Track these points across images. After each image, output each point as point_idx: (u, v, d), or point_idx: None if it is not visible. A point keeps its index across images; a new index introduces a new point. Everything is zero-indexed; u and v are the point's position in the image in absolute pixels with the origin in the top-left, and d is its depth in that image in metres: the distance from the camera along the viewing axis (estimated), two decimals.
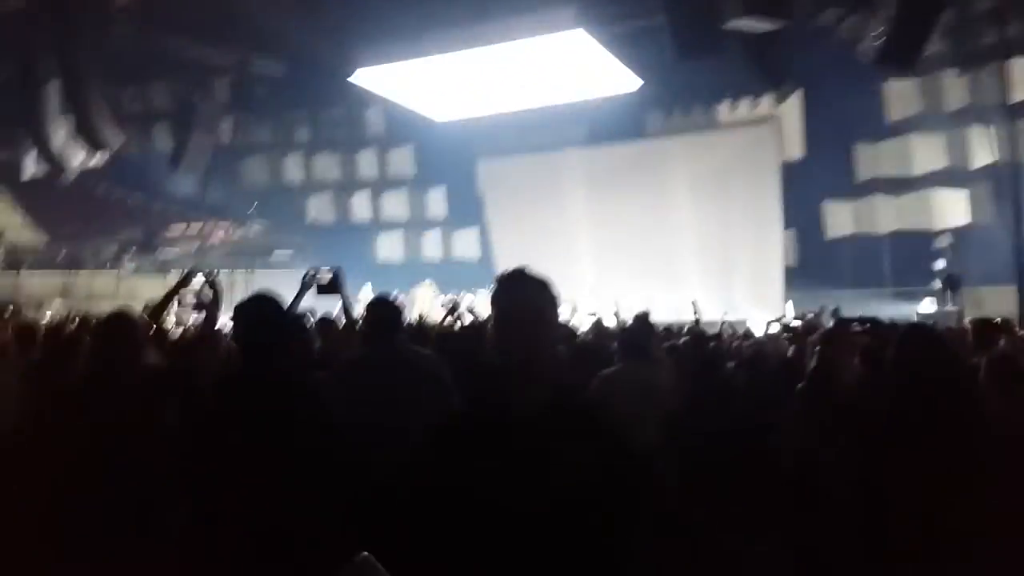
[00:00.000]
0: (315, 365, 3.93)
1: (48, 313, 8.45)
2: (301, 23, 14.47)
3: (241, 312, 2.79)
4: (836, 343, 3.87)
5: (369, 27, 12.97)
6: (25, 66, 13.72)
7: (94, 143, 13.47)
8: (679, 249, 16.80)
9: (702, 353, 5.11)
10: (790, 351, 5.51)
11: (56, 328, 4.80)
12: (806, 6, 11.73)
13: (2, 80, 14.57)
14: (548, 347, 1.86)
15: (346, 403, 3.13)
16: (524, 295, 1.85)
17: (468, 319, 6.80)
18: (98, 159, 14.22)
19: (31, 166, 15.77)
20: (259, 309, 2.80)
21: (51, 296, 13.24)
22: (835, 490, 3.41)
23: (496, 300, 1.88)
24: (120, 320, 3.18)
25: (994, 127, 13.92)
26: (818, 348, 3.81)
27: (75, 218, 16.69)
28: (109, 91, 14.53)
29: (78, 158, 14.03)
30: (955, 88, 14.24)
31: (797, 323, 8.36)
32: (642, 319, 5.00)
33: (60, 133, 13.76)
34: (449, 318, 6.55)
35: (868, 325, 4.21)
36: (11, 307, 6.83)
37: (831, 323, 7.92)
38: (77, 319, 5.49)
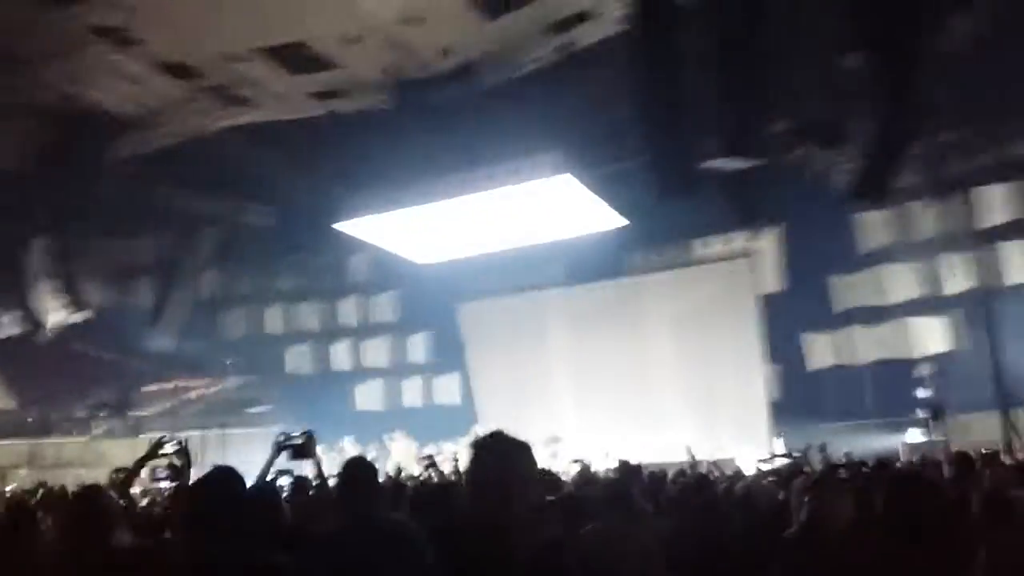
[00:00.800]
0: (286, 537, 3.75)
1: (11, 485, 8.16)
2: (289, 173, 14.95)
3: (196, 493, 2.69)
4: (824, 490, 3.77)
5: (357, 177, 13.37)
6: (14, 222, 13.91)
7: (76, 303, 13.51)
8: (662, 387, 16.67)
9: (703, 501, 4.97)
10: (780, 495, 5.37)
11: (17, 503, 4.59)
12: (779, 144, 12.29)
13: None
14: (526, 512, 1.80)
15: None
16: (500, 462, 1.82)
17: (448, 468, 6.62)
18: (78, 316, 14.22)
19: (8, 324, 15.73)
20: (215, 488, 2.69)
21: (16, 465, 12.85)
22: None
23: (473, 468, 1.84)
24: (89, 499, 3.07)
25: (965, 254, 14.32)
26: (806, 498, 3.70)
27: (47, 379, 16.45)
28: (96, 246, 14.73)
29: (57, 316, 14.02)
30: (926, 217, 14.73)
31: (783, 462, 8.22)
32: (627, 469, 4.88)
33: (42, 291, 13.81)
34: (426, 472, 6.38)
35: (856, 468, 4.13)
36: None
37: (818, 461, 7.80)
38: (40, 492, 5.29)
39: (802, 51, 10.65)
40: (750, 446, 14.08)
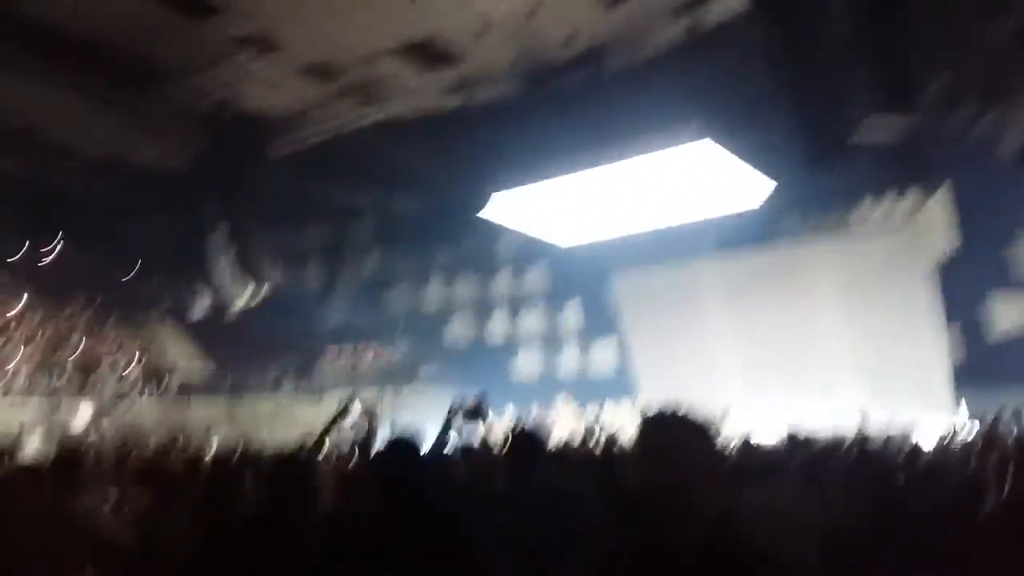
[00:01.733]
0: (460, 493, 3.92)
1: (215, 440, 8.97)
2: (435, 164, 15.48)
3: (378, 462, 2.86)
4: None
5: (497, 160, 13.62)
6: (194, 218, 15.30)
7: (255, 280, 14.69)
8: (830, 355, 15.95)
9: (878, 474, 4.75)
10: (969, 467, 5.01)
11: (222, 460, 5.04)
12: (942, 103, 11.34)
13: (176, 231, 16.28)
14: (701, 492, 1.75)
15: (495, 546, 3.08)
16: (673, 445, 1.75)
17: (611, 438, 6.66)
18: (258, 296, 15.47)
19: (200, 306, 17.32)
20: (398, 456, 2.86)
21: (218, 422, 14.13)
22: None
23: (642, 449, 1.79)
24: (293, 465, 3.31)
25: None
26: (1006, 472, 3.44)
27: (239, 351, 17.97)
28: (267, 235, 15.96)
29: (241, 296, 15.31)
30: None
31: (972, 429, 7.67)
32: (794, 441, 4.72)
33: (225, 275, 15.10)
34: (590, 441, 6.45)
35: None
36: (180, 438, 7.35)
37: (1012, 430, 7.20)
38: (241, 450, 5.78)
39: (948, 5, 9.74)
40: (930, 413, 13.23)
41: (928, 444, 7.43)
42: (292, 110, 14.54)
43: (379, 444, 4.48)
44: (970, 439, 6.86)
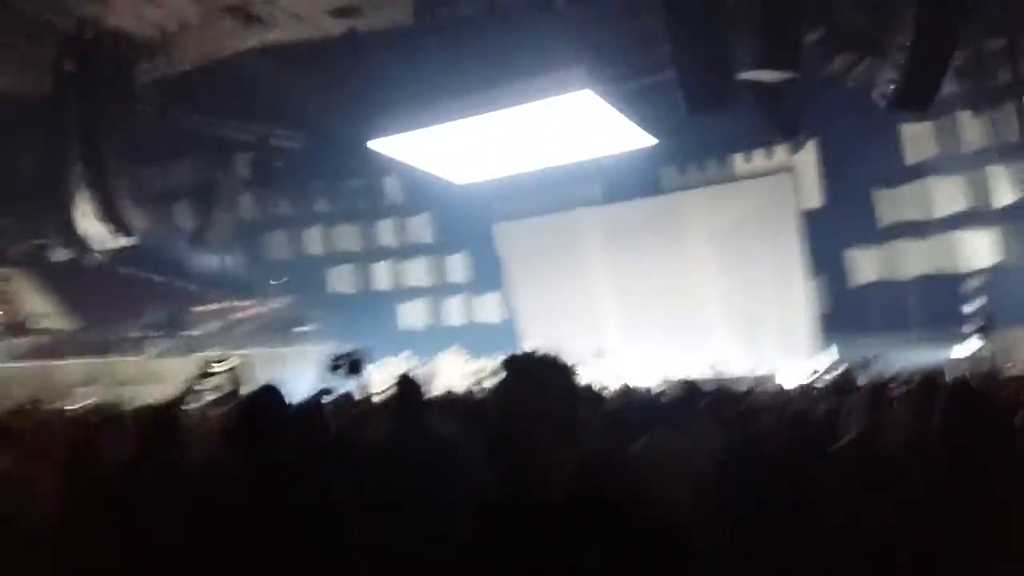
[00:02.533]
0: (330, 448, 3.83)
1: (75, 403, 8.47)
2: (318, 96, 14.85)
3: (243, 411, 2.75)
4: (877, 405, 3.72)
5: (384, 97, 13.22)
6: (51, 150, 14.08)
7: (117, 227, 13.71)
8: (704, 303, 16.68)
9: (730, 415, 4.96)
10: (824, 409, 5.33)
11: (82, 419, 4.76)
12: (816, 55, 11.80)
13: (30, 165, 15.00)
14: (556, 431, 1.73)
15: (370, 493, 3.02)
16: (529, 384, 1.72)
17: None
18: (123, 241, 14.48)
19: (58, 251, 16.11)
20: (260, 406, 2.75)
21: (79, 384, 13.36)
22: (883, 557, 3.25)
23: (501, 386, 1.75)
24: (163, 415, 3.18)
25: (1015, 165, 13.85)
26: (859, 409, 3.66)
27: (100, 302, 16.93)
28: (132, 171, 14.87)
29: (103, 240, 14.28)
30: (972, 128, 14.17)
31: (829, 376, 8.18)
32: (688, 387, 4.85)
33: (85, 215, 14.04)
34: (475, 388, 6.45)
35: (907, 383, 4.05)
36: (39, 399, 6.89)
37: (866, 376, 7.73)
38: (101, 410, 5.47)
39: None
40: (794, 361, 14.07)
41: (788, 388, 7.88)
42: (165, 30, 13.49)
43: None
44: (824, 384, 7.30)
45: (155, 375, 14.67)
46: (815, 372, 9.16)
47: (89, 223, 13.99)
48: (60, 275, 16.87)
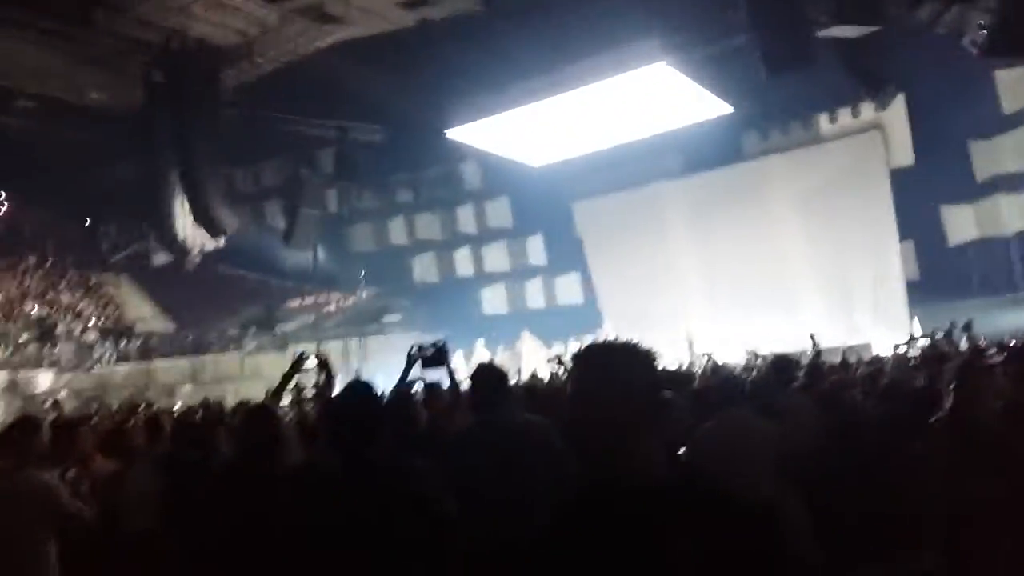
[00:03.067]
0: (422, 441, 3.93)
1: (178, 401, 8.93)
2: (394, 89, 15.08)
3: (335, 408, 2.84)
4: (972, 374, 3.58)
5: (458, 84, 13.33)
6: (147, 160, 14.84)
7: (212, 229, 14.33)
8: (792, 272, 16.17)
9: (823, 390, 4.85)
10: (921, 379, 5.15)
11: (185, 418, 5.02)
12: (900, 4, 11.25)
13: (128, 175, 15.80)
14: (630, 418, 1.75)
15: (458, 483, 3.10)
16: (606, 375, 1.75)
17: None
18: (217, 242, 15.13)
19: (158, 255, 16.96)
20: (353, 402, 2.84)
21: (181, 382, 14.07)
22: (984, 532, 3.15)
23: (575, 382, 1.77)
24: (261, 415, 3.31)
25: None
26: (954, 383, 3.53)
27: (199, 302, 17.76)
28: (222, 173, 15.51)
29: (199, 242, 14.98)
30: None
31: (925, 343, 7.86)
32: (778, 364, 4.75)
33: (182, 221, 14.75)
34: (556, 372, 6.49)
35: (1006, 349, 3.88)
36: (143, 403, 7.30)
37: (963, 342, 7.41)
38: (203, 408, 5.75)
39: None
40: (888, 329, 13.53)
41: (880, 361, 7.62)
42: (245, 36, 14.00)
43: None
44: (920, 352, 7.03)
45: (253, 370, 15.33)
46: (911, 339, 8.81)
47: (186, 226, 14.69)
48: (161, 278, 17.80)
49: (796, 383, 5.10)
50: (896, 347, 8.14)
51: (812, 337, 7.68)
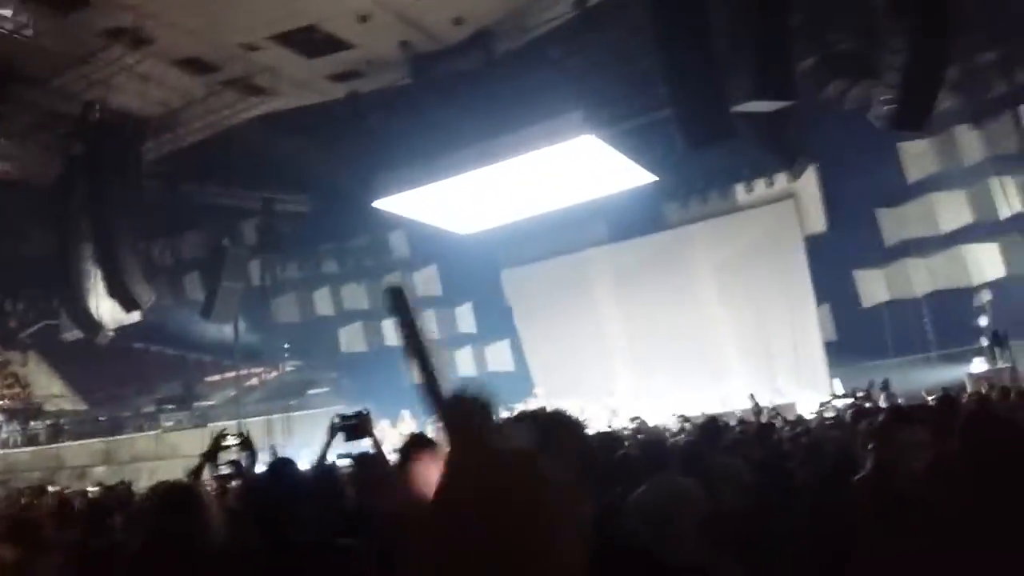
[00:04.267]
0: (351, 518, 3.78)
1: (90, 484, 8.48)
2: (321, 159, 15.07)
3: (254, 488, 2.74)
4: (891, 431, 3.65)
5: (386, 155, 13.39)
6: (60, 233, 14.35)
7: (127, 303, 13.84)
8: (716, 336, 16.54)
9: (765, 449, 4.90)
10: (839, 437, 5.26)
11: (97, 501, 4.73)
12: (811, 81, 11.89)
13: (39, 249, 15.23)
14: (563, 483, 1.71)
15: (380, 565, 2.98)
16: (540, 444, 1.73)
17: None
18: (132, 317, 14.61)
19: (69, 331, 16.26)
20: (274, 483, 2.74)
21: (93, 464, 13.38)
22: None
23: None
24: (180, 492, 3.15)
25: (1017, 175, 13.84)
26: (875, 441, 3.59)
27: (112, 379, 17.05)
28: (140, 246, 15.11)
29: (113, 317, 14.43)
30: (971, 141, 14.20)
31: (845, 403, 8.07)
32: (708, 426, 4.79)
33: (95, 295, 14.23)
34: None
35: (922, 406, 3.99)
36: (48, 487, 6.90)
37: (882, 400, 7.64)
38: (115, 490, 5.45)
39: None
40: (810, 390, 13.89)
41: (804, 420, 7.78)
42: (168, 107, 13.85)
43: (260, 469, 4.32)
44: (841, 412, 7.21)
45: (171, 449, 14.67)
46: (832, 398, 9.05)
47: (100, 300, 14.17)
48: (72, 355, 17.01)
49: (725, 444, 5.13)
50: (819, 406, 8.34)
51: (752, 396, 7.79)
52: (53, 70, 12.29)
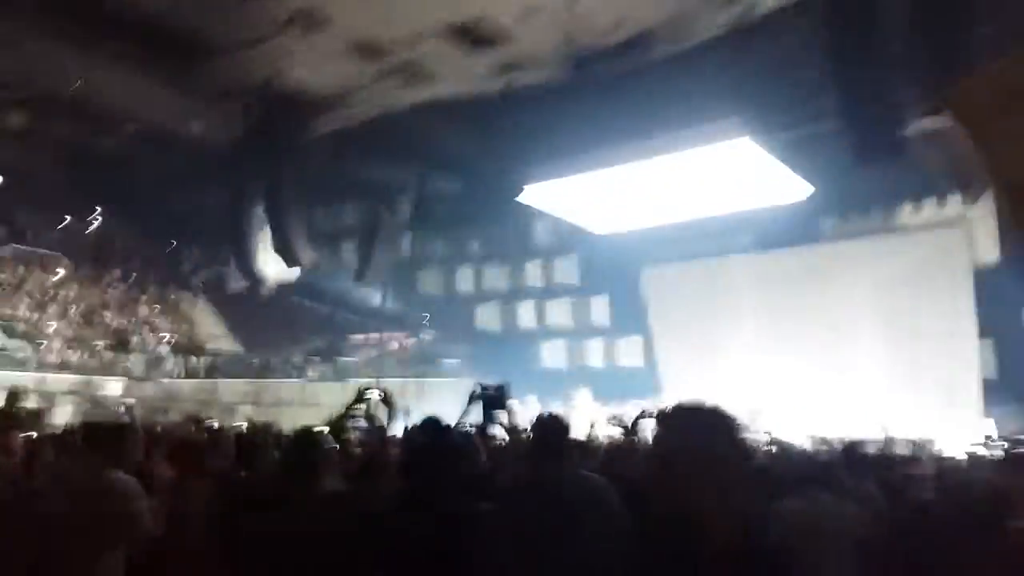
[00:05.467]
0: (480, 482, 3.91)
1: (238, 420, 9.12)
2: (474, 147, 15.47)
3: (408, 442, 2.87)
4: None
5: (537, 148, 13.56)
6: (234, 192, 15.50)
7: (291, 261, 14.81)
8: (861, 359, 15.68)
9: (892, 482, 4.67)
10: (998, 485, 4.91)
11: (241, 437, 5.10)
12: None
13: (216, 202, 16.51)
14: (718, 488, 1.70)
15: (513, 534, 3.07)
16: (693, 437, 1.71)
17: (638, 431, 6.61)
18: (292, 274, 15.61)
19: (235, 280, 17.54)
20: (424, 439, 2.87)
21: (242, 402, 14.37)
22: None
23: (660, 442, 1.74)
24: (306, 440, 3.33)
25: None
26: None
27: (268, 328, 18.21)
28: (304, 211, 16.11)
29: (276, 272, 15.48)
30: None
31: (1003, 444, 7.51)
32: (851, 450, 4.63)
33: (261, 251, 15.30)
34: (615, 432, 6.39)
35: None
36: (204, 420, 7.50)
37: None
38: (261, 428, 5.85)
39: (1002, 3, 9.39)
40: (959, 427, 12.96)
41: (952, 459, 7.30)
42: (336, 88, 14.61)
43: (397, 430, 4.53)
44: (995, 456, 6.71)
45: (313, 397, 15.57)
46: (988, 440, 8.43)
47: (266, 256, 15.23)
48: (235, 302, 18.33)
49: (867, 472, 4.92)
50: (970, 446, 7.80)
51: (883, 427, 7.42)
52: (236, 46, 13.19)
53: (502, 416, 4.57)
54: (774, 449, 6.42)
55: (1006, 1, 9.37)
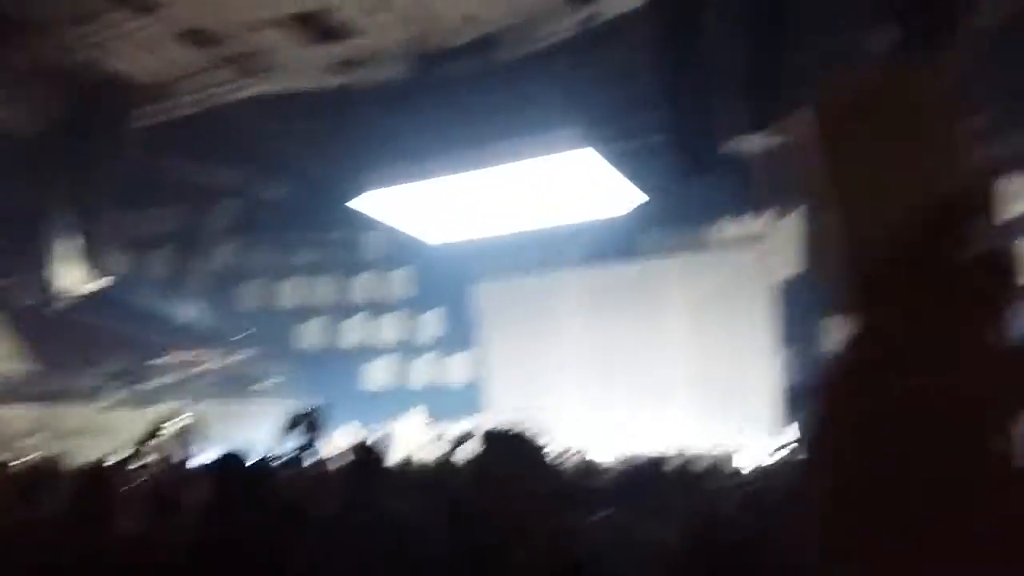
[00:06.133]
0: (287, 517, 3.72)
1: (18, 453, 8.21)
2: (306, 149, 14.93)
3: (206, 478, 2.71)
4: None
5: (374, 153, 13.26)
6: (34, 192, 14.00)
7: (89, 273, 13.57)
8: (674, 373, 16.54)
9: (695, 495, 4.90)
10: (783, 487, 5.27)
11: (21, 473, 4.61)
12: None
13: (13, 205, 14.84)
14: (533, 505, 1.76)
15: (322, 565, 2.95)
16: (500, 461, 1.78)
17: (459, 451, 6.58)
18: (93, 285, 14.31)
19: (28, 293, 15.84)
20: (224, 474, 2.71)
21: (24, 434, 13.01)
22: None
23: (470, 467, 1.80)
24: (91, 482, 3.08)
25: None
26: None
27: (63, 347, 16.60)
28: (113, 215, 14.84)
29: (71, 286, 14.13)
30: None
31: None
32: (657, 466, 4.81)
33: (56, 261, 13.93)
34: (438, 454, 6.34)
35: None
36: None
37: None
38: (44, 462, 5.31)
39: (831, 22, 10.23)
40: (763, 435, 13.96)
41: (749, 467, 7.80)
42: (163, 77, 13.57)
43: (202, 460, 4.25)
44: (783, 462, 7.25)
45: (106, 425, 14.28)
46: (780, 448, 9.10)
47: (62, 266, 13.87)
48: (20, 318, 16.52)
49: (670, 487, 5.13)
50: (765, 455, 8.37)
51: (688, 443, 7.83)
52: (55, 23, 12.00)
53: (316, 444, 4.41)
54: (581, 468, 6.60)
55: (837, 21, 10.12)
